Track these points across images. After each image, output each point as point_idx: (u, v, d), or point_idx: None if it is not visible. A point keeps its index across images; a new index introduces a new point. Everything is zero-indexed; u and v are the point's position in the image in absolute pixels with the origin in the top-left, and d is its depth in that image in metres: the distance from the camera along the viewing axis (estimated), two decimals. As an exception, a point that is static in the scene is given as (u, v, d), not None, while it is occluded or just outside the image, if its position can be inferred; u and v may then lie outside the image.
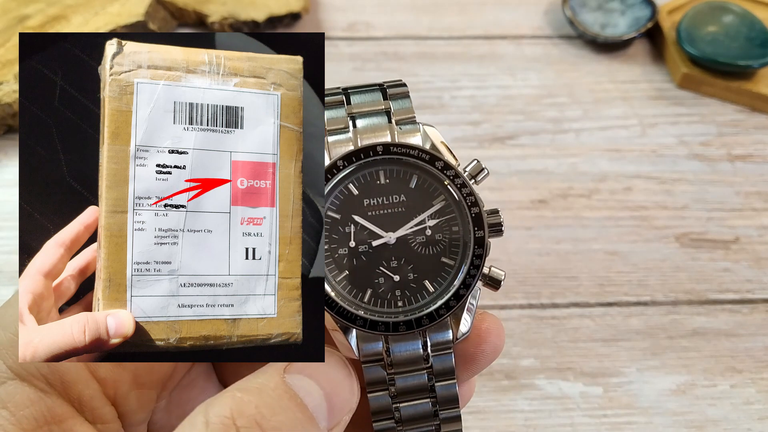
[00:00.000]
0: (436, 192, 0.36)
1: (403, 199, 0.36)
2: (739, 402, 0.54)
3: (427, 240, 0.35)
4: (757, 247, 0.63)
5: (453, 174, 0.35)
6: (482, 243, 0.35)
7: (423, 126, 0.36)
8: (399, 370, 0.34)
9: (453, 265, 0.35)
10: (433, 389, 0.34)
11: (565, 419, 0.53)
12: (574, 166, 0.69)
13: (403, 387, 0.34)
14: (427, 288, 0.35)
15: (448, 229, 0.35)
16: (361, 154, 0.35)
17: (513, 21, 0.83)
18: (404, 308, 0.34)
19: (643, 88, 0.76)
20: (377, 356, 0.33)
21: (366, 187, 0.36)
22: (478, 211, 0.35)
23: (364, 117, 0.36)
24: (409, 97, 0.37)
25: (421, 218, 0.35)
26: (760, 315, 0.59)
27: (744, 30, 0.76)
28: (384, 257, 0.35)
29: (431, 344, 0.34)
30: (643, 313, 0.59)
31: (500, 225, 0.35)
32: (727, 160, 0.70)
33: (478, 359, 0.34)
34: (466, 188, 0.35)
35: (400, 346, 0.33)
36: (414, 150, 0.35)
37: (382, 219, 0.35)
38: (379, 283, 0.35)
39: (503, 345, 0.35)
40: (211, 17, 0.77)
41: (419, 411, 0.35)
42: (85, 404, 0.31)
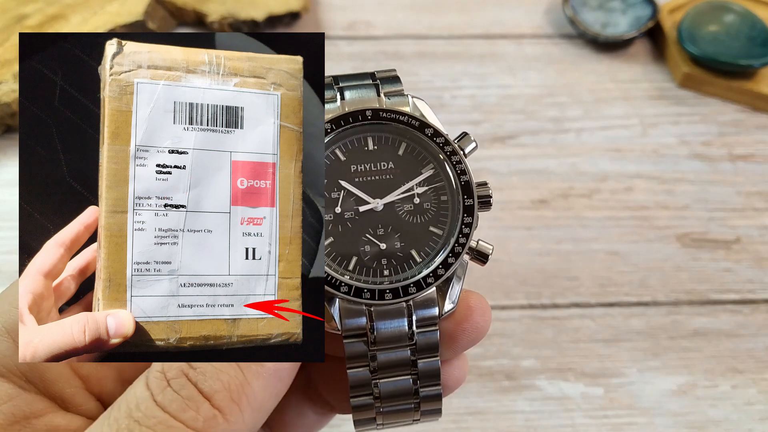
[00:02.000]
0: (425, 160, 0.35)
1: (391, 166, 0.35)
2: (741, 402, 0.54)
3: (415, 208, 0.35)
4: (758, 247, 0.63)
5: (443, 141, 0.35)
6: (471, 211, 0.34)
7: (412, 97, 0.36)
8: (382, 347, 0.33)
9: (441, 234, 0.34)
10: (415, 364, 0.33)
11: (565, 420, 0.53)
12: (575, 165, 0.68)
13: (385, 361, 0.33)
14: (413, 257, 0.34)
15: (436, 198, 0.35)
16: (350, 118, 0.34)
17: (513, 20, 0.83)
18: (390, 277, 0.34)
19: (644, 87, 0.76)
20: (360, 331, 0.33)
21: (353, 153, 0.35)
22: (467, 180, 0.34)
23: (352, 89, 0.36)
24: (400, 81, 0.36)
25: (410, 185, 0.35)
26: (761, 315, 0.59)
27: (745, 29, 0.76)
28: (371, 224, 0.34)
29: (417, 320, 0.33)
30: (644, 313, 0.59)
31: (489, 197, 0.35)
32: (728, 160, 0.70)
33: (462, 337, 0.34)
34: (455, 156, 0.35)
35: (385, 323, 0.33)
36: (403, 116, 0.35)
37: (370, 185, 0.35)
38: (365, 251, 0.34)
39: (488, 325, 0.34)
40: (211, 16, 0.77)
41: (399, 387, 0.34)
42: (68, 400, 0.32)
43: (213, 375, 0.27)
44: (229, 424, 0.27)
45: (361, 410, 0.34)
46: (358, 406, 0.34)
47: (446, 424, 0.52)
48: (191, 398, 0.27)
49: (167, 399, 0.27)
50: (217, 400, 0.27)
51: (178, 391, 0.27)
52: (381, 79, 0.36)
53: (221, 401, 0.27)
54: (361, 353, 0.33)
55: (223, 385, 0.27)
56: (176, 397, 0.27)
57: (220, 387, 0.27)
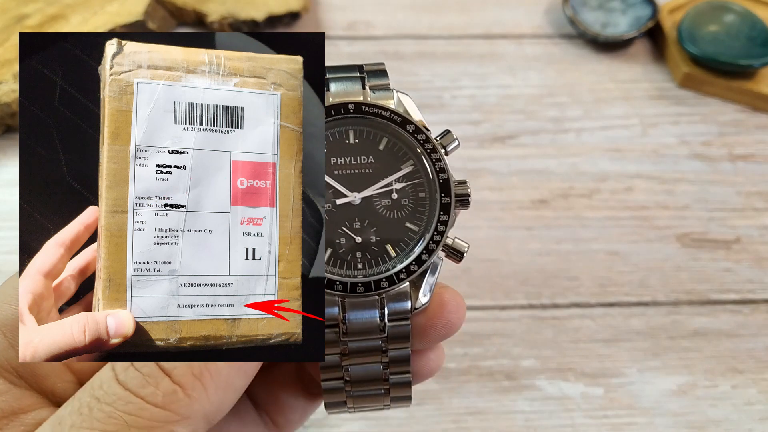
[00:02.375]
0: (405, 156, 0.35)
1: (371, 161, 0.35)
2: (741, 403, 0.54)
3: (392, 203, 0.35)
4: (758, 247, 0.63)
5: (423, 138, 0.35)
6: (447, 210, 0.34)
7: (397, 93, 0.36)
8: (353, 338, 0.33)
9: (417, 231, 0.35)
10: (386, 352, 0.34)
11: (565, 420, 0.53)
12: (575, 165, 0.68)
13: (356, 348, 0.33)
14: (388, 252, 0.34)
15: (414, 195, 0.35)
16: (332, 110, 0.34)
17: (513, 20, 0.83)
18: (363, 270, 0.34)
19: (644, 87, 0.76)
20: (332, 321, 0.33)
21: (334, 146, 0.35)
22: (446, 178, 0.34)
23: (337, 81, 0.36)
24: (386, 74, 0.36)
25: (388, 181, 0.35)
26: (761, 315, 0.59)
27: (745, 29, 0.76)
28: (347, 217, 0.34)
29: (389, 313, 0.33)
30: (644, 313, 0.59)
31: (467, 196, 0.35)
32: (728, 160, 0.70)
33: (433, 331, 0.34)
34: (435, 154, 0.35)
35: (357, 314, 0.33)
36: (386, 111, 0.35)
37: (349, 179, 0.35)
38: (340, 243, 0.34)
39: (461, 321, 0.34)
40: (211, 16, 0.77)
41: (369, 372, 0.34)
42: (60, 395, 0.32)
43: None
44: (191, 399, 0.27)
45: (332, 393, 0.35)
46: (329, 389, 0.35)
47: (446, 424, 0.52)
48: (151, 375, 0.27)
49: (128, 377, 0.27)
50: (177, 375, 0.27)
51: (139, 369, 0.27)
52: (368, 72, 0.36)
53: (181, 377, 0.27)
54: (333, 341, 0.33)
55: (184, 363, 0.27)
56: (137, 374, 0.27)
57: (180, 364, 0.27)
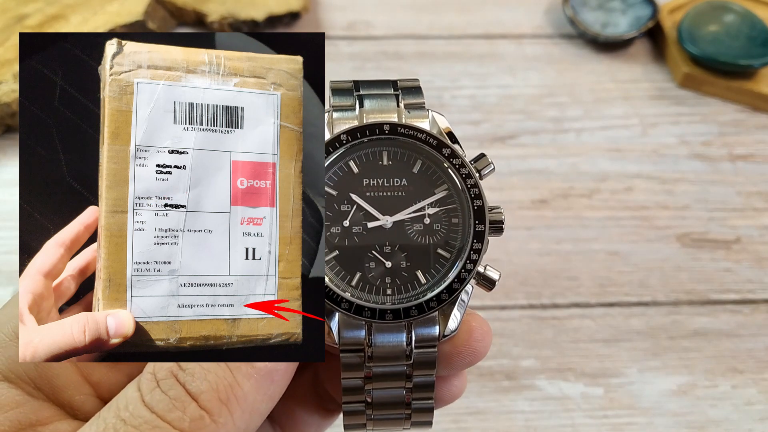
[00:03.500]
0: (439, 180, 0.34)
1: (404, 184, 0.34)
2: (741, 402, 0.54)
3: (424, 228, 0.34)
4: (758, 247, 0.63)
5: (459, 163, 0.34)
6: (482, 238, 0.33)
7: (432, 113, 0.35)
8: (378, 364, 0.32)
9: (448, 258, 0.34)
10: (410, 378, 0.33)
11: (565, 420, 0.53)
12: (575, 165, 0.68)
13: (380, 373, 0.33)
14: (419, 278, 0.33)
15: (447, 220, 0.34)
16: (367, 131, 0.33)
17: (513, 20, 0.83)
18: (392, 296, 0.33)
19: (644, 87, 0.76)
20: (358, 345, 0.32)
21: (367, 167, 0.34)
22: (480, 204, 0.33)
23: (372, 98, 0.35)
24: (422, 92, 0.36)
25: (422, 205, 0.34)
26: (761, 315, 0.59)
27: (745, 29, 0.76)
28: (378, 241, 0.33)
29: (416, 339, 0.32)
30: (644, 313, 0.59)
31: (501, 222, 0.34)
32: (728, 160, 0.70)
33: (459, 359, 0.34)
34: (471, 179, 0.34)
35: (384, 337, 0.32)
36: (422, 133, 0.34)
37: (381, 201, 0.34)
38: (370, 268, 0.33)
39: (487, 349, 0.34)
40: (211, 16, 0.77)
41: (392, 396, 0.33)
42: (77, 408, 0.31)
43: (201, 376, 0.27)
44: (217, 425, 0.27)
45: (353, 416, 0.34)
46: (350, 412, 0.34)
47: (446, 424, 0.52)
48: (178, 398, 0.27)
49: (155, 399, 0.27)
50: (204, 400, 0.27)
51: (166, 392, 0.27)
52: (402, 89, 0.35)
53: (208, 402, 0.27)
54: (357, 364, 0.32)
55: (210, 386, 0.27)
56: (164, 397, 0.27)
57: (206, 387, 0.27)
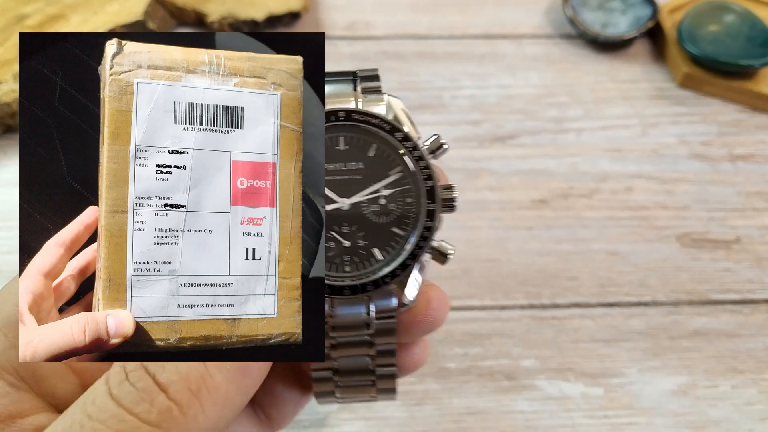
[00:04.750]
0: (393, 163, 0.36)
1: (360, 167, 0.36)
2: (741, 403, 0.54)
3: (380, 209, 0.36)
4: (758, 247, 0.63)
5: (411, 146, 0.36)
6: (433, 216, 0.35)
7: (388, 96, 0.37)
8: (340, 333, 0.35)
9: (403, 235, 0.35)
10: (373, 345, 0.35)
11: (565, 420, 0.53)
12: (575, 165, 0.68)
13: (344, 342, 0.35)
14: (375, 255, 0.35)
15: (402, 201, 0.36)
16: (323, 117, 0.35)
17: (513, 20, 0.83)
18: (351, 273, 0.35)
19: (644, 87, 0.76)
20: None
21: (325, 152, 0.36)
22: (432, 185, 0.35)
23: (329, 84, 0.37)
24: (379, 78, 0.37)
25: (376, 187, 0.36)
26: (761, 315, 0.59)
27: (745, 29, 0.76)
28: (336, 222, 0.36)
29: (375, 310, 0.34)
30: (644, 313, 0.59)
31: (453, 200, 0.36)
32: (728, 160, 0.70)
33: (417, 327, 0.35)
34: (423, 161, 0.36)
35: (344, 309, 0.34)
36: (375, 119, 0.35)
37: (338, 184, 0.36)
38: (330, 248, 0.35)
39: (444, 317, 0.35)
40: (210, 16, 0.77)
41: (356, 363, 0.36)
42: (60, 398, 0.31)
43: (171, 367, 0.27)
44: (186, 417, 0.26)
45: (321, 383, 0.36)
46: (318, 379, 0.36)
47: (446, 425, 0.52)
48: (146, 390, 0.26)
49: (123, 392, 0.26)
50: (173, 391, 0.26)
51: (134, 384, 0.26)
52: (362, 77, 0.37)
53: (177, 393, 0.26)
54: None
55: (181, 377, 0.26)
56: (131, 389, 0.26)
57: (177, 378, 0.26)
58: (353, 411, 0.53)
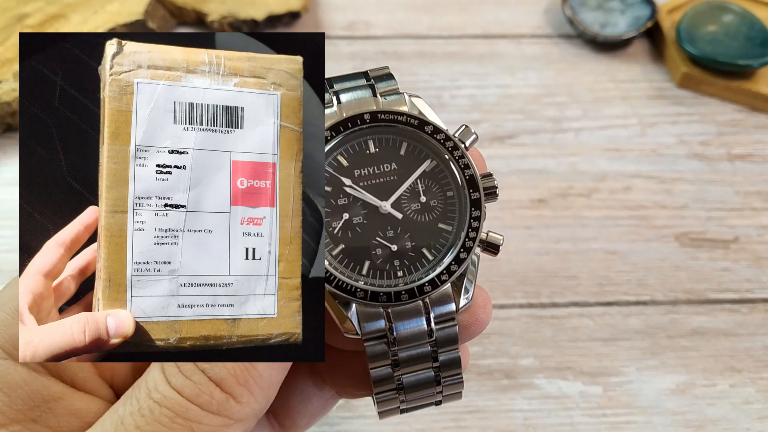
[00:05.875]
0: (426, 157, 0.35)
1: (394, 167, 0.35)
2: (739, 401, 0.54)
3: (422, 207, 0.35)
4: (756, 246, 0.63)
5: (443, 137, 0.35)
6: (478, 205, 0.34)
7: (408, 96, 0.36)
8: (403, 346, 0.33)
9: (450, 230, 0.35)
10: (436, 358, 0.34)
11: (564, 418, 0.53)
12: (574, 165, 0.69)
13: (406, 357, 0.33)
14: (426, 256, 0.34)
15: (442, 195, 0.35)
16: (348, 123, 0.34)
17: (513, 20, 0.83)
18: (404, 278, 0.34)
19: (642, 87, 0.76)
20: (380, 333, 0.33)
21: (356, 158, 0.35)
22: (471, 173, 0.34)
23: (347, 92, 0.36)
24: (394, 78, 0.36)
25: (411, 180, 0.35)
26: (759, 314, 0.59)
27: (744, 29, 0.76)
28: (380, 227, 0.34)
29: (434, 317, 0.33)
30: (643, 312, 0.59)
31: (495, 188, 0.35)
32: (726, 160, 0.70)
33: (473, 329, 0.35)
34: (457, 151, 0.35)
35: (404, 324, 0.33)
36: (402, 116, 0.35)
37: (375, 188, 0.35)
38: (377, 254, 0.34)
39: (489, 318, 0.35)
40: (211, 16, 0.77)
41: (421, 379, 0.34)
42: (79, 385, 0.32)
43: (218, 364, 0.29)
44: (242, 405, 0.29)
45: (386, 403, 0.35)
46: (383, 401, 0.34)
47: (445, 423, 0.53)
48: (203, 383, 0.28)
49: (180, 384, 0.28)
50: (226, 385, 0.29)
51: (190, 377, 0.28)
52: (375, 78, 0.36)
53: (230, 386, 0.29)
54: (383, 353, 0.33)
55: (228, 372, 0.29)
56: (189, 382, 0.28)
57: (226, 374, 0.29)
58: (353, 410, 0.53)
